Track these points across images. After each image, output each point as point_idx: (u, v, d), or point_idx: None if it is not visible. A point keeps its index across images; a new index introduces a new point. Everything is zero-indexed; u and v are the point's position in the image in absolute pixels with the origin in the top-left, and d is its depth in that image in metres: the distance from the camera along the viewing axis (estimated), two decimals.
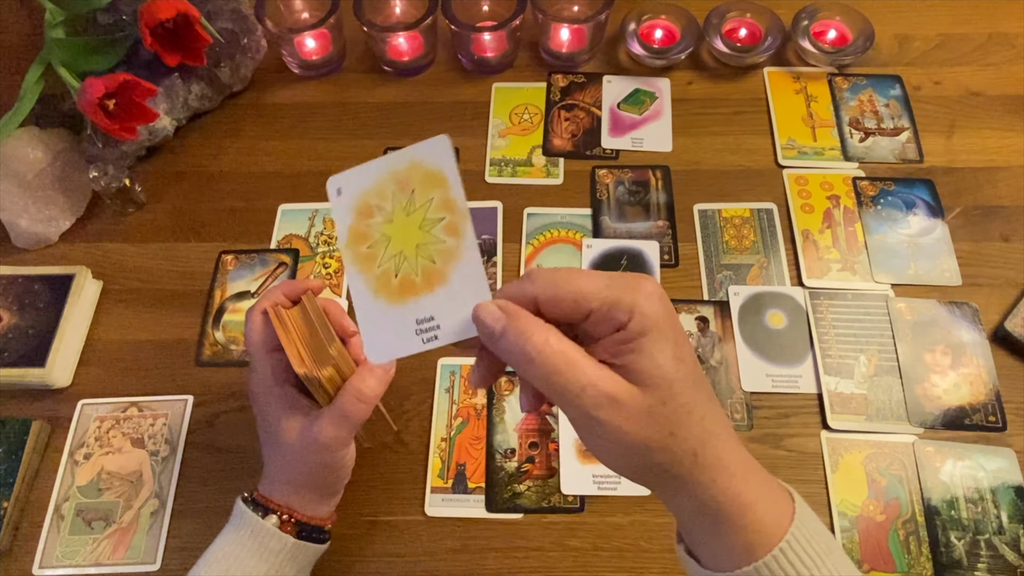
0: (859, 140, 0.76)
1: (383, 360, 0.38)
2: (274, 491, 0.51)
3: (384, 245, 0.37)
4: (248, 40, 0.79)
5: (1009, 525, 0.56)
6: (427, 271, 0.36)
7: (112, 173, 0.72)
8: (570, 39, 0.81)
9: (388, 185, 0.37)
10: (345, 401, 0.48)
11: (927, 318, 0.65)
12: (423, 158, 0.36)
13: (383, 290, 0.37)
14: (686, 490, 0.35)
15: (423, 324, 0.36)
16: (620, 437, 0.33)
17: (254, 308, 0.51)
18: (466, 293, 0.36)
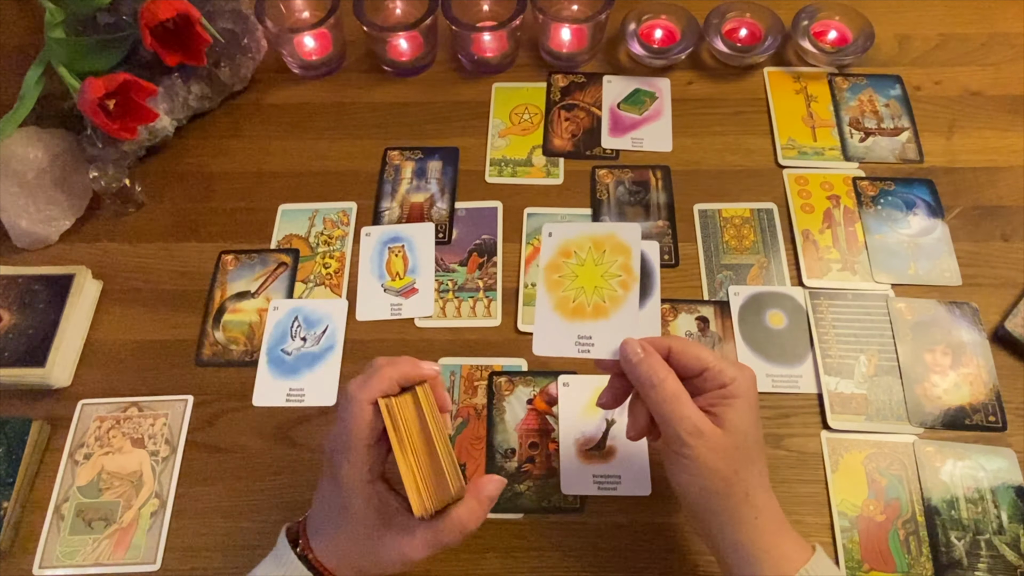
0: (859, 140, 0.76)
1: (546, 353, 0.50)
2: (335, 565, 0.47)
3: (571, 279, 0.51)
4: (248, 40, 0.79)
5: (1009, 525, 0.56)
6: (597, 306, 0.50)
7: (112, 173, 0.72)
8: (570, 39, 0.81)
9: (586, 241, 0.52)
10: (448, 530, 0.45)
11: (927, 318, 0.65)
12: (619, 233, 0.52)
13: (560, 308, 0.51)
14: (733, 524, 0.45)
15: (582, 340, 0.50)
16: (699, 462, 0.44)
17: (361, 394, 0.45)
18: (620, 330, 0.49)
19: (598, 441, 0.61)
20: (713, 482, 0.45)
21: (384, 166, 0.77)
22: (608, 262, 0.51)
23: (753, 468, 0.46)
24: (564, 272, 0.52)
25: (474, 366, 0.65)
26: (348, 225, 0.74)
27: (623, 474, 0.60)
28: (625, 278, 0.50)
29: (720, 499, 0.45)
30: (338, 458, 0.46)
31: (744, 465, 0.45)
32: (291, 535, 0.48)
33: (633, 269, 0.50)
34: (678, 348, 0.47)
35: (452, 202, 0.74)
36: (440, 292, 0.69)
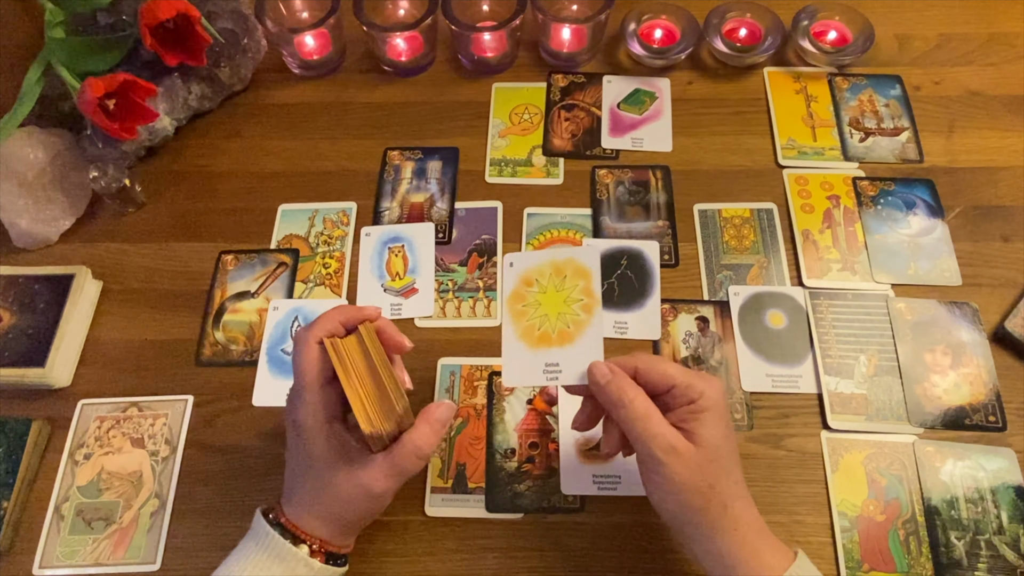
0: (859, 140, 0.76)
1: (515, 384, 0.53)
2: (305, 521, 0.49)
3: (535, 307, 0.51)
4: (248, 40, 0.79)
5: (1009, 525, 0.56)
6: (561, 332, 0.50)
7: (112, 173, 0.72)
8: (570, 39, 0.81)
9: (547, 268, 0.52)
10: (402, 455, 0.48)
11: (927, 318, 0.65)
12: (578, 257, 0.51)
13: (525, 337, 0.51)
14: (713, 536, 0.46)
15: (550, 367, 0.50)
16: (674, 478, 0.45)
17: (307, 336, 0.48)
18: (586, 354, 0.49)
19: (598, 441, 0.61)
20: (690, 497, 0.45)
21: (384, 166, 0.77)
22: (569, 287, 0.51)
23: (728, 480, 0.46)
24: (528, 301, 0.52)
25: (474, 366, 0.65)
26: (348, 225, 0.74)
27: (623, 474, 0.60)
28: (587, 301, 0.50)
29: (698, 513, 0.46)
30: (294, 403, 0.49)
31: (719, 478, 0.46)
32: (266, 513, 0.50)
33: (594, 292, 0.50)
34: (644, 367, 0.48)
35: (452, 202, 0.74)
36: (440, 292, 0.69)
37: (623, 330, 0.66)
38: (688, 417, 0.46)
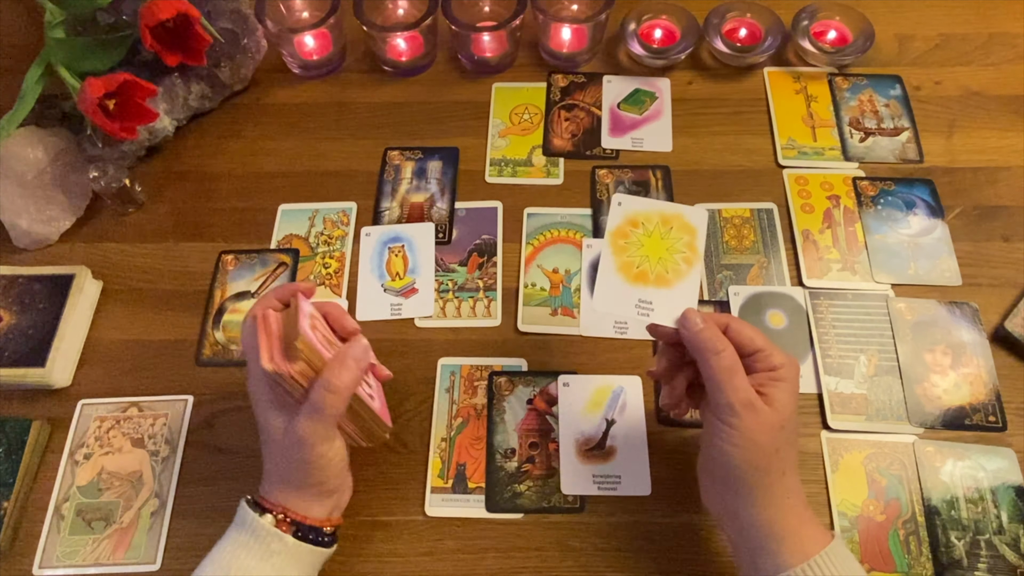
0: (859, 140, 0.76)
1: (604, 309, 0.54)
2: (270, 491, 0.51)
3: (637, 247, 0.54)
4: (248, 40, 0.79)
5: (1009, 525, 0.56)
6: (659, 275, 0.53)
7: (112, 173, 0.72)
8: (570, 39, 0.81)
9: (655, 216, 0.55)
10: (315, 394, 0.49)
11: (927, 318, 0.65)
12: (687, 214, 0.55)
13: (623, 271, 0.54)
14: (766, 500, 0.47)
15: (643, 303, 0.52)
16: (746, 432, 0.46)
17: (248, 312, 0.53)
18: (681, 301, 0.52)
19: (598, 441, 0.61)
20: (756, 456, 0.46)
21: (384, 166, 0.77)
22: (674, 238, 0.54)
23: (791, 450, 0.48)
24: (631, 239, 0.55)
25: (474, 366, 0.65)
26: (348, 225, 0.74)
27: (623, 474, 0.60)
28: (689, 255, 0.53)
29: (759, 474, 0.47)
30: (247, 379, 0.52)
31: (785, 445, 0.47)
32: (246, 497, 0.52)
33: (698, 249, 0.53)
34: (736, 327, 0.49)
35: (452, 202, 0.74)
36: (440, 292, 0.69)
37: (623, 330, 0.66)
38: (767, 382, 0.48)
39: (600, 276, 0.54)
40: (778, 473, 0.47)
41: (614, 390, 0.63)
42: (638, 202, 0.56)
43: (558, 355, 0.65)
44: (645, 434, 0.61)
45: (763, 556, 0.47)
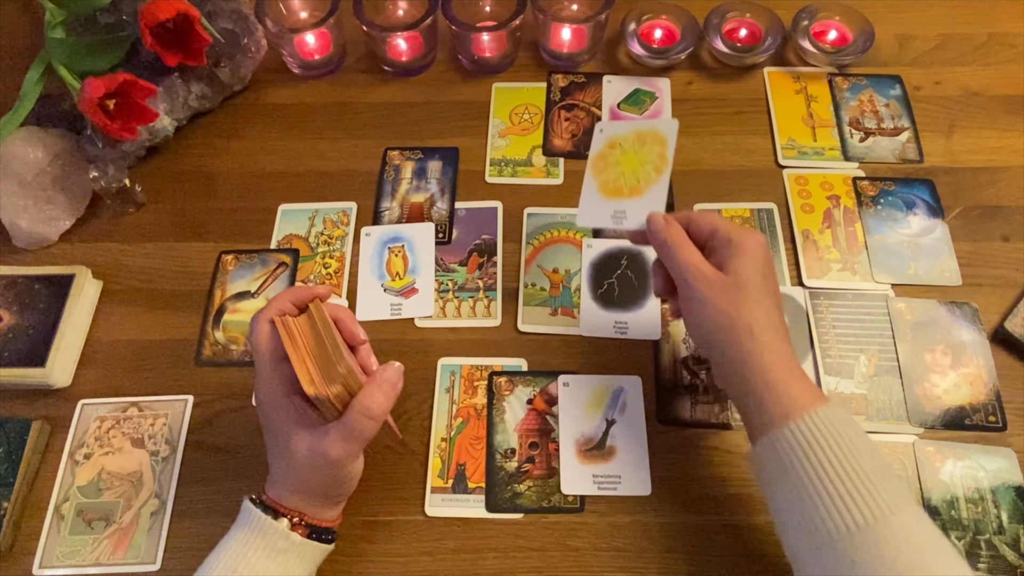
0: (859, 140, 0.76)
1: (586, 224, 0.61)
2: (284, 497, 0.51)
3: (615, 166, 0.60)
4: (248, 40, 0.79)
5: (1009, 525, 0.56)
6: (632, 187, 0.58)
7: (112, 173, 0.72)
8: (570, 39, 0.81)
9: (631, 136, 0.60)
10: (353, 418, 0.48)
11: (927, 318, 0.65)
12: (660, 128, 0.59)
13: (603, 189, 0.60)
14: (739, 358, 0.48)
15: (617, 213, 0.58)
16: (704, 301, 0.50)
17: (260, 316, 0.51)
18: (650, 205, 0.56)
19: (598, 441, 0.61)
20: (717, 318, 0.49)
21: (384, 166, 0.77)
22: (647, 151, 0.59)
23: (758, 309, 0.49)
24: (609, 160, 0.61)
25: (474, 366, 0.65)
26: (348, 225, 0.74)
27: (623, 474, 0.60)
28: (660, 164, 0.58)
29: (724, 334, 0.49)
30: (256, 384, 0.51)
31: (746, 303, 0.49)
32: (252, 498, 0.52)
33: (667, 157, 0.58)
34: (695, 217, 0.54)
35: (452, 202, 0.74)
36: (440, 292, 0.69)
37: (623, 330, 0.66)
38: (724, 255, 0.51)
39: (583, 197, 0.60)
40: (744, 330, 0.48)
41: (614, 390, 0.63)
42: (617, 125, 0.62)
43: (558, 355, 0.65)
44: (645, 434, 0.61)
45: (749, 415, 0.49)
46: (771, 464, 0.47)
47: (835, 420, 0.45)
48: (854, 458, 0.44)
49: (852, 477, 0.43)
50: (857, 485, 0.43)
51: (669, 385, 0.63)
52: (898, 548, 0.41)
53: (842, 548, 0.42)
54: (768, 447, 0.46)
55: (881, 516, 0.42)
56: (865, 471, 0.43)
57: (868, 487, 0.43)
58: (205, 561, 0.50)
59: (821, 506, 0.43)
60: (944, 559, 0.42)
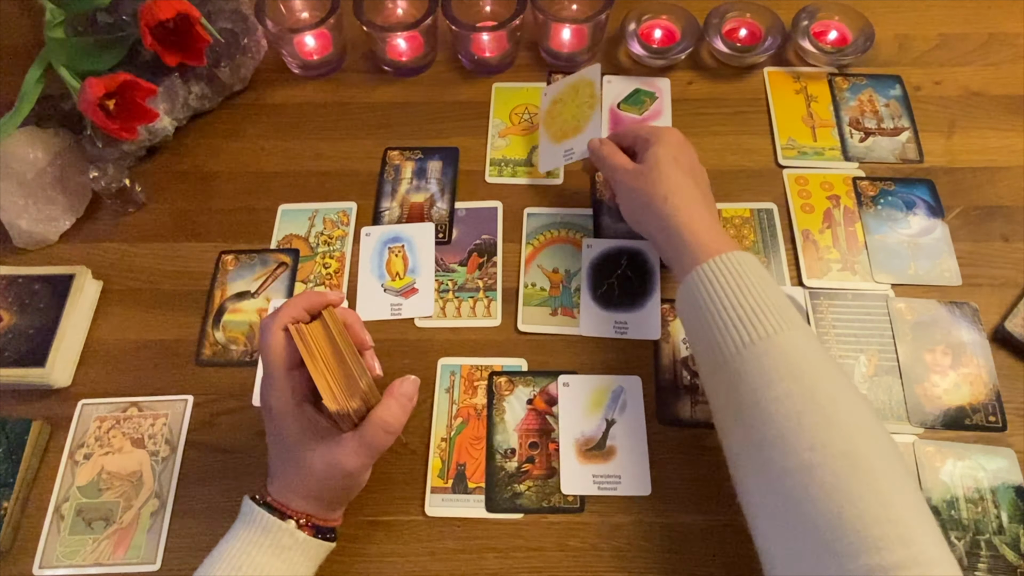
0: (859, 140, 0.76)
1: (547, 168, 0.73)
2: (290, 499, 0.50)
3: (559, 116, 0.73)
4: (248, 40, 0.79)
5: (1009, 525, 0.56)
6: (575, 127, 0.70)
7: (112, 173, 0.72)
8: (570, 39, 0.81)
9: (569, 89, 0.74)
10: (371, 431, 0.49)
11: (927, 318, 0.65)
12: (587, 75, 0.73)
13: (554, 137, 0.72)
14: (658, 221, 0.57)
15: (567, 152, 0.70)
16: (629, 188, 0.60)
17: (273, 322, 0.50)
18: (589, 136, 0.68)
19: (598, 441, 0.61)
20: (639, 198, 0.59)
21: (384, 166, 0.77)
22: (581, 96, 0.71)
23: (668, 181, 0.58)
24: (554, 115, 0.74)
25: (474, 366, 0.65)
26: (348, 225, 0.74)
27: (623, 474, 0.60)
28: (592, 102, 0.70)
29: (646, 208, 0.58)
30: (265, 390, 0.51)
31: (659, 179, 0.58)
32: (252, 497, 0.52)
33: (597, 94, 0.70)
34: (620, 132, 0.66)
35: (452, 202, 0.74)
36: (440, 292, 0.69)
37: (623, 330, 0.66)
38: (642, 150, 0.61)
39: (540, 148, 0.73)
40: (660, 199, 0.57)
41: (614, 390, 0.63)
42: (555, 87, 0.76)
43: (558, 355, 0.65)
44: (645, 434, 0.61)
45: (675, 269, 0.56)
46: (684, 302, 0.53)
47: (738, 261, 0.51)
48: (749, 290, 0.49)
49: (745, 305, 0.49)
50: (748, 311, 0.48)
51: (669, 385, 0.63)
52: (777, 361, 0.46)
53: (732, 366, 0.48)
54: (683, 288, 0.53)
55: (767, 336, 0.47)
56: (758, 300, 0.49)
57: (758, 312, 0.48)
58: (205, 561, 0.49)
59: (717, 331, 0.49)
60: (820, 371, 0.46)
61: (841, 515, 0.40)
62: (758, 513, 0.46)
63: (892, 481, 0.42)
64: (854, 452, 0.43)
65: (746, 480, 0.48)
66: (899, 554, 0.38)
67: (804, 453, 0.43)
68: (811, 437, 0.43)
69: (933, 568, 0.38)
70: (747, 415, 0.47)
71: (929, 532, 0.40)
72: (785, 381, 0.46)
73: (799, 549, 0.42)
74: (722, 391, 0.50)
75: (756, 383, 0.46)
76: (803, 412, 0.44)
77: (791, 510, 0.43)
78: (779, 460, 0.44)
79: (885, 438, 0.45)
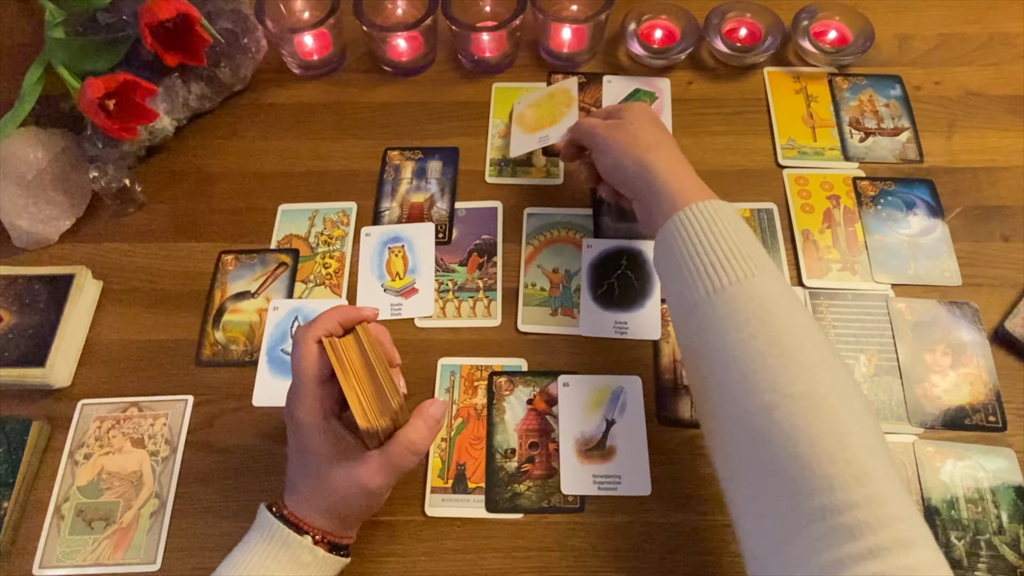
0: (859, 140, 0.76)
1: (518, 152, 0.75)
2: (307, 514, 0.50)
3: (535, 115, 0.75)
4: (248, 40, 0.79)
5: (1009, 525, 0.56)
6: (550, 121, 0.73)
7: (112, 173, 0.72)
8: (570, 39, 0.81)
9: (545, 96, 0.76)
10: (398, 452, 0.49)
11: (927, 318, 0.65)
12: (564, 85, 0.75)
13: (527, 129, 0.74)
14: (642, 170, 0.57)
15: (542, 138, 0.72)
16: (608, 140, 0.61)
17: (307, 334, 0.50)
18: (566, 126, 0.69)
19: (598, 441, 0.61)
20: (618, 146, 0.59)
21: (384, 166, 0.77)
22: (558, 101, 0.74)
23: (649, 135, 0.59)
24: (527, 116, 0.76)
25: (474, 366, 0.65)
26: (348, 225, 0.74)
27: (623, 474, 0.60)
28: (569, 102, 0.73)
29: (624, 155, 0.59)
30: (293, 400, 0.50)
31: (640, 132, 0.60)
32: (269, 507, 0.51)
33: (574, 97, 0.74)
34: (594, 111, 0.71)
35: (452, 202, 0.74)
36: (440, 292, 0.69)
37: (623, 330, 0.66)
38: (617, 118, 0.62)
39: (512, 139, 0.75)
40: (644, 148, 0.58)
41: (614, 390, 0.63)
42: (529, 95, 0.78)
43: (558, 355, 0.65)
44: (645, 434, 0.61)
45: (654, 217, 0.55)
46: (660, 249, 0.54)
47: (713, 208, 0.51)
48: (723, 236, 0.49)
49: (717, 251, 0.49)
50: (720, 258, 0.49)
51: (669, 385, 0.63)
52: (747, 306, 0.47)
53: (703, 311, 0.48)
54: (660, 235, 0.53)
55: (736, 281, 0.47)
56: (731, 246, 0.49)
57: (730, 258, 0.48)
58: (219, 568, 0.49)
59: (689, 277, 0.50)
60: (789, 316, 0.46)
61: (797, 455, 0.40)
62: (720, 453, 0.47)
63: (852, 422, 0.41)
64: (814, 393, 0.42)
65: (709, 422, 0.48)
66: (854, 493, 0.38)
67: (765, 394, 0.43)
68: (772, 378, 0.43)
69: (887, 507, 0.38)
70: (712, 358, 0.47)
71: (885, 472, 0.40)
72: (752, 324, 0.46)
73: (757, 488, 0.42)
74: (692, 337, 0.50)
75: (724, 327, 0.47)
76: (767, 353, 0.44)
77: (750, 450, 0.43)
78: (740, 401, 0.44)
79: (849, 381, 0.44)
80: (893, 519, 0.37)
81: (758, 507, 0.42)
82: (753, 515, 0.43)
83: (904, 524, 0.38)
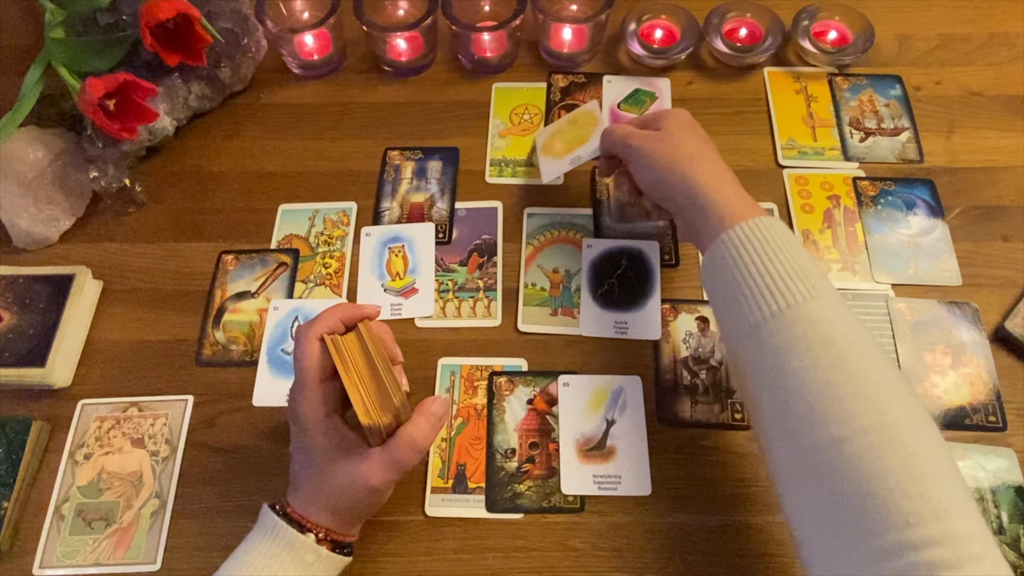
0: (859, 140, 0.76)
1: (551, 178, 0.72)
2: (310, 512, 0.50)
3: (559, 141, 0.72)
4: (248, 40, 0.79)
5: (1009, 525, 0.56)
6: (580, 142, 0.70)
7: (112, 173, 0.72)
8: (570, 39, 0.81)
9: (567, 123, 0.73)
10: (400, 449, 0.48)
11: (927, 318, 0.65)
12: (586, 108, 0.73)
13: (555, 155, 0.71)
14: (686, 185, 0.55)
15: (573, 160, 0.69)
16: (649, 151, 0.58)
17: (309, 332, 0.50)
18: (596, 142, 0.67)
19: (598, 441, 0.61)
20: (660, 160, 0.57)
21: (384, 166, 0.77)
22: (582, 122, 0.72)
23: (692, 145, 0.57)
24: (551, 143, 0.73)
25: (474, 366, 0.65)
26: (348, 225, 0.74)
27: (623, 474, 0.60)
28: (594, 121, 0.71)
29: (668, 171, 0.56)
30: (295, 397, 0.50)
31: (682, 142, 0.57)
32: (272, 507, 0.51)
33: (598, 116, 0.71)
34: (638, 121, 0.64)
35: (452, 202, 0.74)
36: (440, 292, 0.69)
37: (623, 330, 0.66)
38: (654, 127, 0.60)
39: (541, 166, 0.72)
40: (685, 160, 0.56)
41: (614, 390, 0.63)
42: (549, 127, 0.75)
43: (558, 355, 0.65)
44: (645, 434, 0.61)
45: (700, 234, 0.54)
46: (710, 268, 0.52)
47: (766, 226, 0.50)
48: (778, 257, 0.48)
49: (773, 272, 0.48)
50: (776, 279, 0.47)
51: (669, 385, 0.63)
52: (807, 330, 0.45)
53: (762, 333, 0.47)
54: (709, 254, 0.52)
55: (795, 303, 0.46)
56: (787, 267, 0.48)
57: (787, 279, 0.47)
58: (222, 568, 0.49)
59: (743, 299, 0.48)
60: (851, 339, 0.45)
61: (869, 491, 0.39)
62: (787, 487, 0.45)
63: (924, 454, 0.40)
64: (884, 425, 0.41)
65: (774, 451, 0.46)
66: (931, 530, 0.37)
67: (832, 427, 0.42)
68: (839, 410, 0.42)
69: (968, 544, 0.37)
70: (774, 383, 0.45)
71: (963, 506, 0.39)
72: (814, 350, 0.44)
73: (827, 522, 0.41)
74: (748, 361, 0.48)
75: (785, 352, 0.45)
76: (832, 383, 0.43)
77: (819, 486, 0.42)
78: (807, 434, 0.43)
79: (918, 409, 0.43)
80: (974, 557, 0.36)
81: (829, 541, 0.41)
82: (823, 549, 0.42)
83: (985, 563, 0.37)
